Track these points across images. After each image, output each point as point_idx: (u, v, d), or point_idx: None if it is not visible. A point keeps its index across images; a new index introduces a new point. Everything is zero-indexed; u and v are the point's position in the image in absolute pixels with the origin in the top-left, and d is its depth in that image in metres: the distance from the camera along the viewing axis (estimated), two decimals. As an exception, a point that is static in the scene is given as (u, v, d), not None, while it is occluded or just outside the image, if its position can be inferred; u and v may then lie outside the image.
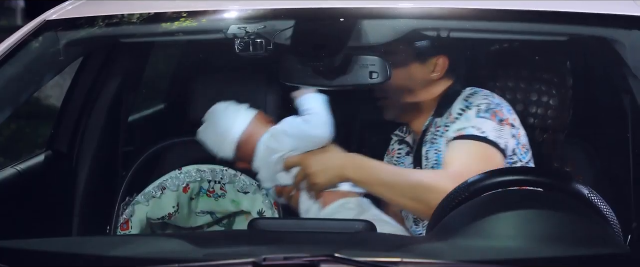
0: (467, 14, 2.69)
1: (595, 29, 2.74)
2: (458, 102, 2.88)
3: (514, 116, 2.87)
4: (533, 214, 2.28)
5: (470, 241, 2.17)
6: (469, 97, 2.88)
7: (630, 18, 2.68)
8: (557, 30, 2.75)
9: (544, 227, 2.23)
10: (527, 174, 2.48)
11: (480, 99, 2.85)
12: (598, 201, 2.38)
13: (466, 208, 2.31)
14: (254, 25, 2.68)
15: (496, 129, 2.79)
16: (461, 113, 2.84)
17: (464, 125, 2.81)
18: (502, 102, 2.87)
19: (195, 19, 2.78)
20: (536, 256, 2.13)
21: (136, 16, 2.81)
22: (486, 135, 2.78)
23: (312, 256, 1.97)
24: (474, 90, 2.91)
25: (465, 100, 2.87)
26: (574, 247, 2.17)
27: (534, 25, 2.73)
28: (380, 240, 2.42)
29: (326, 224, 2.54)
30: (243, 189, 3.03)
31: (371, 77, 2.70)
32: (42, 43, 2.81)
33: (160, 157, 3.39)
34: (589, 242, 2.20)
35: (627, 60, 2.65)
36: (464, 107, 2.85)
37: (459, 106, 2.86)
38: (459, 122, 2.82)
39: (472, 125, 2.80)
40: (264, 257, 1.97)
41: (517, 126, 2.86)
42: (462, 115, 2.83)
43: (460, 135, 2.79)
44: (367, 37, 2.67)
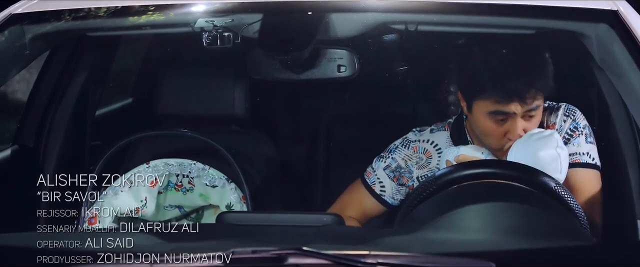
0: (434, 7, 2.69)
1: (562, 23, 2.76)
2: (559, 119, 2.85)
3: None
4: (500, 207, 2.29)
5: (438, 233, 2.18)
6: (571, 115, 2.87)
7: (597, 11, 2.69)
8: (524, 23, 2.76)
9: (511, 220, 2.25)
10: (494, 167, 2.49)
11: (582, 120, 2.86)
12: (565, 194, 2.39)
13: (434, 201, 2.32)
14: (221, 18, 2.68)
15: (596, 151, 2.84)
16: (571, 135, 2.84)
17: (577, 151, 2.82)
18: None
19: (163, 13, 2.77)
20: (503, 248, 2.14)
21: (103, 10, 2.79)
22: (596, 162, 2.82)
23: (280, 249, 1.97)
24: (571, 108, 2.89)
25: (569, 118, 2.85)
26: (541, 240, 2.18)
27: (501, 19, 2.74)
28: (348, 233, 2.42)
29: (294, 218, 2.54)
30: (211, 183, 3.03)
31: (339, 70, 2.71)
32: (8, 37, 2.79)
33: (127, 152, 3.37)
34: (555, 235, 2.21)
35: (594, 54, 2.66)
36: (573, 128, 2.84)
37: (566, 126, 2.84)
38: (570, 146, 2.81)
39: (584, 151, 2.82)
40: (232, 251, 1.97)
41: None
42: (573, 139, 2.83)
43: (576, 162, 2.80)
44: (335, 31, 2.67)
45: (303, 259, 1.97)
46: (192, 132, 3.02)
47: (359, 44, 2.88)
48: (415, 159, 2.89)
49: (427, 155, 2.88)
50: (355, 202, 2.91)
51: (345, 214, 2.86)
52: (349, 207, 2.90)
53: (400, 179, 2.88)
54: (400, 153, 2.90)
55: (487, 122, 2.74)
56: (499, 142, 2.76)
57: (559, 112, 2.85)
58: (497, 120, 2.72)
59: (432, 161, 2.87)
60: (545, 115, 2.83)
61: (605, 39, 2.68)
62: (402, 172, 2.88)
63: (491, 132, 2.75)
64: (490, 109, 2.71)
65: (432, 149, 2.89)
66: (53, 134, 3.35)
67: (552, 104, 2.86)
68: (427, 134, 2.92)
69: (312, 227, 2.34)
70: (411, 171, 2.88)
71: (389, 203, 2.89)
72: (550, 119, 2.84)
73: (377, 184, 2.89)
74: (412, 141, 2.92)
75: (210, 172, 3.03)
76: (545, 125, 2.83)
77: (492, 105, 2.71)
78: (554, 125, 2.83)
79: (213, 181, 3.02)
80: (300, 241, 2.03)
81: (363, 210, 2.91)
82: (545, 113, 2.84)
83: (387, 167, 2.90)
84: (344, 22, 2.71)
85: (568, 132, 2.82)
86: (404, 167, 2.89)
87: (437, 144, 2.89)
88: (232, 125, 3.25)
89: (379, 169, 2.90)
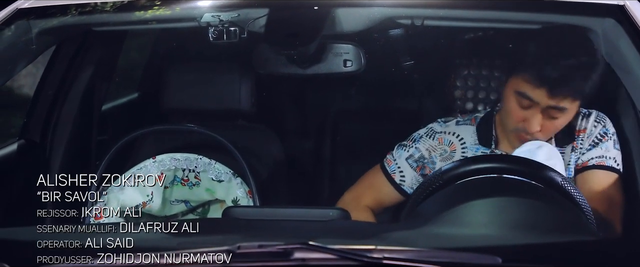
0: (441, 2, 2.69)
1: (568, 18, 2.75)
2: (590, 124, 2.86)
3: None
4: (506, 202, 2.29)
5: (444, 228, 2.18)
6: (601, 122, 2.87)
7: (604, 6, 2.69)
8: (530, 18, 2.76)
9: (518, 214, 2.24)
10: (501, 162, 2.48)
11: (611, 127, 2.86)
12: (571, 189, 2.39)
13: (440, 196, 2.32)
14: (228, 13, 2.68)
15: (621, 159, 2.85)
16: (600, 140, 2.84)
17: (604, 154, 2.82)
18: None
19: (169, 7, 2.77)
20: (510, 243, 2.14)
21: (109, 4, 2.79)
22: (620, 168, 2.83)
23: (286, 244, 1.97)
24: (601, 115, 2.89)
25: (599, 124, 2.86)
26: (548, 235, 2.17)
27: (507, 14, 2.74)
28: (355, 228, 2.42)
29: (301, 212, 2.54)
30: (218, 178, 3.03)
31: (345, 65, 2.71)
32: (14, 32, 2.79)
33: (134, 146, 3.37)
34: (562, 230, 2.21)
35: (601, 49, 2.66)
36: (603, 133, 2.85)
37: (596, 131, 2.85)
38: (598, 149, 2.83)
39: (611, 156, 2.83)
40: (239, 246, 1.97)
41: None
42: (602, 143, 2.84)
43: (601, 164, 2.82)
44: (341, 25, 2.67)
45: (309, 254, 1.97)
46: (198, 126, 3.03)
47: (365, 39, 2.88)
48: (440, 151, 2.89)
49: (451, 148, 2.88)
50: (374, 190, 2.90)
51: (361, 202, 2.85)
52: (365, 195, 2.89)
53: (423, 169, 2.88)
54: (424, 143, 2.89)
55: (512, 101, 2.74)
56: (516, 125, 2.75)
57: (590, 118, 2.86)
58: (520, 103, 2.72)
59: (455, 155, 2.86)
60: (577, 120, 2.84)
61: (611, 34, 2.67)
62: (425, 163, 2.88)
63: (512, 111, 2.75)
64: (518, 89, 2.71)
65: (457, 142, 2.88)
66: (59, 128, 3.35)
67: (584, 111, 2.86)
68: (453, 126, 2.92)
69: (318, 221, 2.34)
70: (434, 162, 2.88)
71: (408, 193, 2.88)
72: (582, 123, 2.85)
73: (397, 173, 2.89)
74: (437, 131, 2.91)
75: (217, 167, 3.03)
76: (576, 129, 2.84)
77: (521, 84, 2.71)
78: (584, 130, 2.84)
79: (219, 176, 3.03)
80: (307, 235, 2.03)
81: (380, 198, 2.90)
82: (578, 117, 2.84)
83: (410, 157, 2.89)
84: (350, 16, 2.70)
85: (598, 136, 2.83)
86: (428, 158, 2.88)
87: (463, 138, 2.89)
88: (238, 120, 3.25)
89: (400, 158, 2.89)
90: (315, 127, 2.95)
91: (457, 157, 2.85)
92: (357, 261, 1.99)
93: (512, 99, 2.74)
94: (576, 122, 2.84)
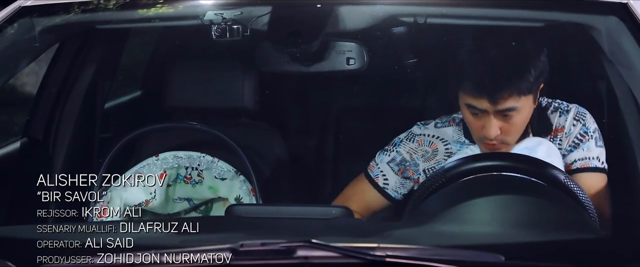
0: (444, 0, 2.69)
1: (572, 15, 2.75)
2: (569, 122, 2.83)
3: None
4: (509, 200, 2.29)
5: (447, 226, 2.18)
6: (581, 120, 2.84)
7: (607, 4, 2.69)
8: (533, 16, 2.76)
9: (520, 212, 2.24)
10: (504, 160, 2.48)
11: (592, 124, 2.83)
12: (574, 187, 2.39)
13: (443, 194, 2.32)
14: (230, 11, 2.68)
15: (605, 154, 2.83)
16: (581, 140, 2.83)
17: (587, 156, 2.80)
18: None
19: (172, 5, 2.78)
20: (512, 241, 2.14)
21: (112, 2, 2.79)
22: (604, 166, 2.81)
23: (289, 241, 1.98)
24: (581, 111, 2.85)
25: (579, 122, 2.83)
26: (550, 233, 2.17)
27: (510, 12, 2.73)
28: (357, 225, 2.43)
29: (303, 210, 2.54)
30: (220, 176, 3.03)
31: (348, 63, 2.71)
32: (18, 30, 2.79)
33: (136, 144, 3.37)
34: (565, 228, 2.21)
35: (604, 47, 2.66)
36: (583, 133, 2.83)
37: (576, 130, 2.82)
38: (580, 151, 2.81)
39: (594, 156, 2.80)
40: (242, 243, 1.97)
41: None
42: (583, 144, 2.82)
43: (585, 166, 2.79)
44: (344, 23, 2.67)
45: (312, 252, 1.97)
46: (201, 124, 3.03)
47: (368, 37, 2.88)
48: (421, 152, 2.89)
49: (432, 148, 2.88)
50: (358, 195, 2.92)
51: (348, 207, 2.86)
52: (351, 200, 2.91)
53: (406, 172, 2.88)
54: (405, 146, 2.90)
55: (466, 113, 2.74)
56: (478, 134, 2.74)
57: (568, 116, 2.82)
58: (472, 114, 2.72)
59: (438, 153, 2.87)
60: (554, 118, 2.82)
61: (614, 32, 2.67)
62: (407, 166, 2.88)
63: (470, 123, 2.75)
64: (465, 102, 2.71)
65: (438, 142, 2.88)
66: (62, 126, 3.35)
67: (562, 106, 2.84)
68: (432, 128, 2.92)
69: (321, 219, 2.34)
70: (417, 164, 2.88)
71: (392, 196, 2.89)
72: (559, 122, 2.82)
73: (380, 177, 2.90)
74: (417, 134, 2.91)
75: (219, 165, 3.03)
76: (553, 128, 2.82)
77: (465, 97, 2.70)
78: (562, 128, 2.81)
79: (222, 174, 3.03)
80: (309, 233, 2.04)
81: (366, 203, 2.92)
82: (554, 115, 2.82)
83: (391, 161, 2.90)
84: (352, 14, 2.71)
85: (578, 137, 2.81)
86: (409, 160, 2.89)
87: (443, 138, 2.89)
88: (241, 117, 3.25)
89: (382, 163, 2.90)
90: (318, 125, 2.95)
91: (441, 156, 2.85)
92: (359, 259, 1.99)
93: (466, 112, 2.73)
94: (553, 121, 2.82)
